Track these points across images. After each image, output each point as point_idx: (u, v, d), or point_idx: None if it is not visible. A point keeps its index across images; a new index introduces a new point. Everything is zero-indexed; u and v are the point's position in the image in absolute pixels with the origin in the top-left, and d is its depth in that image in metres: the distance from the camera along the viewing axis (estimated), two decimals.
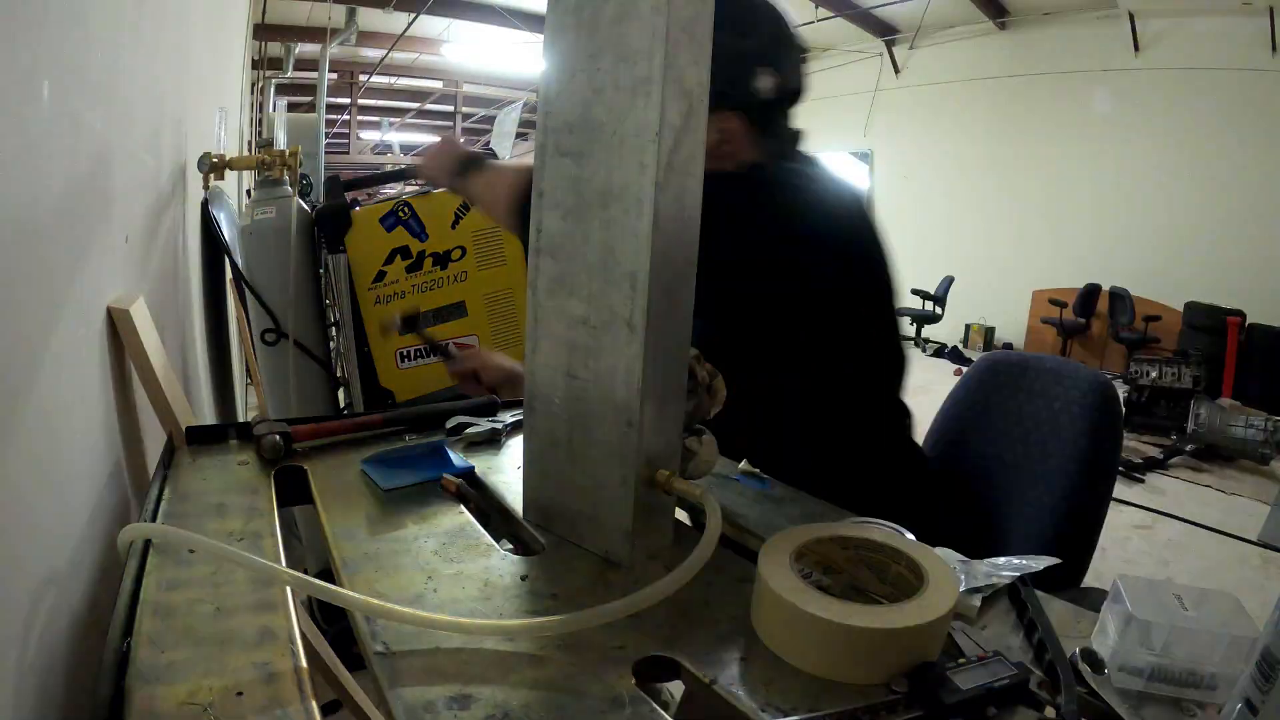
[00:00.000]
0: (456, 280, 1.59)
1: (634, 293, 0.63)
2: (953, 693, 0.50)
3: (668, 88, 0.60)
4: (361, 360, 1.55)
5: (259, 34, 6.88)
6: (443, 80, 10.38)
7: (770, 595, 0.57)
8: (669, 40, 0.59)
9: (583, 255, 0.67)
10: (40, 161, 0.66)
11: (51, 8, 0.69)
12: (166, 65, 1.46)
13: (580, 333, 0.68)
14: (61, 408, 0.70)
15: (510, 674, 0.52)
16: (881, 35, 7.69)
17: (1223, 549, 2.98)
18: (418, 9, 6.83)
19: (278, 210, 1.52)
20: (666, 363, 0.67)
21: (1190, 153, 5.85)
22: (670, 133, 0.61)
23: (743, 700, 0.51)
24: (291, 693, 0.48)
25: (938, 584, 0.58)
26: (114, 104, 0.97)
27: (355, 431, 0.97)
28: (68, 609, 0.65)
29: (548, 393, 0.72)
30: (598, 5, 0.63)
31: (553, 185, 0.69)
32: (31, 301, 0.63)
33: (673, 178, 0.62)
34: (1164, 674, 0.52)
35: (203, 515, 0.73)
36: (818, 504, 0.86)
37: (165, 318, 1.27)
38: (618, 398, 0.66)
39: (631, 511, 0.67)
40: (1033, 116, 6.86)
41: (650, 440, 0.66)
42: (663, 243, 0.63)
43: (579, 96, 0.65)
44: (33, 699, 0.55)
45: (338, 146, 11.53)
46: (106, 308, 0.88)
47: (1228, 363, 4.95)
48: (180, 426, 0.91)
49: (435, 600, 0.62)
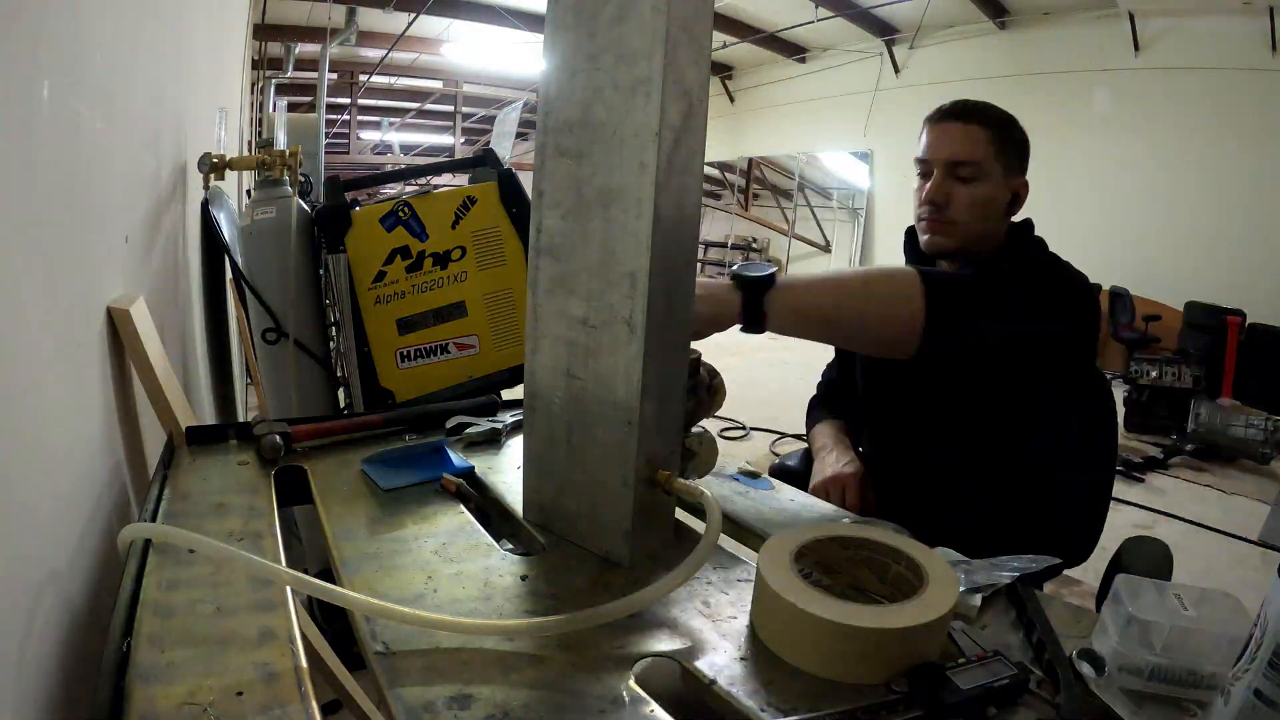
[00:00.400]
0: (456, 280, 1.59)
1: (634, 292, 0.63)
2: (953, 693, 0.50)
3: (668, 88, 0.60)
4: (361, 360, 1.55)
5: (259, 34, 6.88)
6: (443, 80, 10.38)
7: (770, 595, 0.57)
8: (669, 40, 0.59)
9: (583, 255, 0.67)
10: (40, 161, 0.66)
11: (51, 8, 0.69)
12: (166, 65, 1.46)
13: (580, 333, 0.68)
14: (61, 408, 0.70)
15: (510, 674, 0.52)
16: (881, 35, 7.69)
17: (1223, 549, 2.97)
18: (418, 9, 6.83)
19: (278, 210, 1.52)
20: (666, 363, 0.67)
21: (1190, 152, 5.84)
22: (670, 133, 0.61)
23: (742, 700, 0.51)
24: (291, 693, 0.48)
25: (938, 584, 0.58)
26: (114, 104, 0.97)
27: (355, 431, 0.97)
28: (68, 609, 0.65)
29: (548, 393, 0.72)
30: (597, 5, 0.63)
31: (553, 185, 0.69)
32: (31, 301, 0.63)
33: (673, 178, 0.62)
34: (1164, 674, 0.52)
35: (203, 515, 0.73)
36: (818, 504, 0.86)
37: (165, 318, 1.27)
38: (618, 397, 0.66)
39: (631, 511, 0.67)
40: (1033, 116, 6.75)
41: (650, 440, 0.66)
42: (662, 242, 0.63)
43: (579, 96, 0.65)
44: (33, 699, 0.55)
45: (338, 146, 11.54)
46: (106, 308, 0.88)
47: (1228, 363, 4.95)
48: (180, 426, 0.91)
49: (435, 600, 0.62)
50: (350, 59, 9.01)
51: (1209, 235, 5.76)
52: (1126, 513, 3.27)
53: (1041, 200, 5.16)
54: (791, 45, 8.57)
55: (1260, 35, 5.36)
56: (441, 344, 1.60)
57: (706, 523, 0.63)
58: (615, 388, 0.66)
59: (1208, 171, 5.75)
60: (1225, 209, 5.68)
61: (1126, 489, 3.53)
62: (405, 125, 12.64)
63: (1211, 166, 5.73)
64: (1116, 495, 3.39)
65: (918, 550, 0.63)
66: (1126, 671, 0.53)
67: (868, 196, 8.32)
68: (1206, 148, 5.74)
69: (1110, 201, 6.37)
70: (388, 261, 1.54)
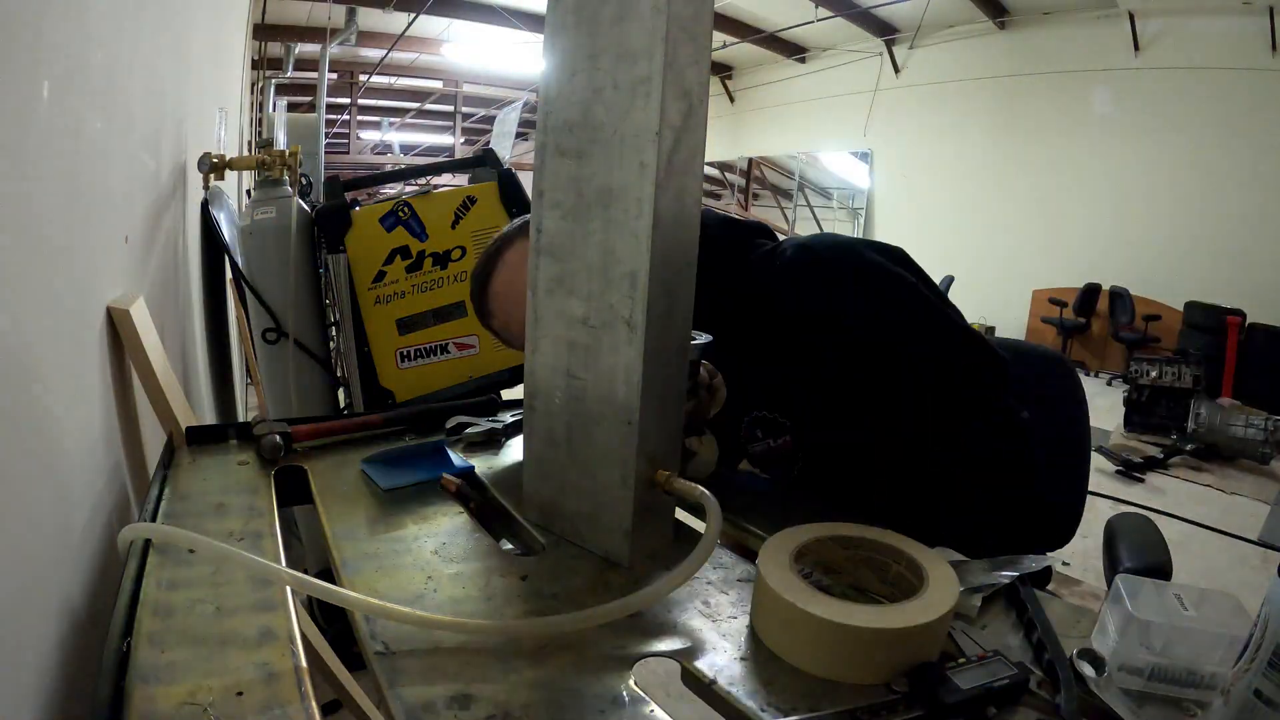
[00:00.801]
0: (456, 280, 1.59)
1: (634, 292, 0.63)
2: (953, 693, 0.50)
3: (668, 88, 0.60)
4: (361, 360, 1.55)
5: (259, 34, 6.88)
6: (443, 80, 10.38)
7: (770, 595, 0.57)
8: (669, 40, 0.59)
9: (583, 255, 0.67)
10: (40, 161, 0.66)
11: (51, 8, 0.69)
12: (166, 65, 1.46)
13: (580, 332, 0.68)
14: (61, 408, 0.70)
15: (510, 674, 0.52)
16: (881, 35, 7.69)
17: (1223, 549, 2.97)
18: (418, 9, 6.83)
19: (278, 210, 1.52)
20: (666, 363, 0.67)
21: (1190, 153, 5.84)
22: (670, 133, 0.61)
23: (742, 700, 0.51)
24: (291, 693, 0.48)
25: (938, 584, 0.58)
26: (114, 104, 0.97)
27: (355, 431, 0.97)
28: (68, 609, 0.65)
29: (548, 392, 0.72)
30: (597, 5, 0.63)
31: (552, 185, 0.69)
32: (31, 301, 0.63)
33: (672, 178, 0.62)
34: (1164, 674, 0.52)
35: (203, 515, 0.73)
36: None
37: (165, 318, 1.27)
38: (618, 397, 0.66)
39: (631, 511, 0.67)
40: (1033, 116, 6.86)
41: (650, 440, 0.66)
42: (662, 242, 0.63)
43: (579, 96, 0.65)
44: (33, 699, 0.55)
45: (338, 146, 11.54)
46: (106, 308, 0.88)
47: (1228, 363, 4.95)
48: (180, 426, 0.91)
49: (435, 600, 0.62)
50: (350, 59, 9.01)
51: (1209, 235, 5.76)
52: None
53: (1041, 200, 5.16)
54: (791, 45, 8.57)
55: (1260, 35, 5.36)
56: (441, 344, 1.60)
57: (707, 522, 0.63)
58: (615, 387, 0.66)
59: (1208, 171, 5.75)
60: (1225, 209, 5.68)
61: (1127, 489, 3.53)
62: (405, 125, 12.64)
63: (1211, 166, 5.73)
64: (1117, 495, 3.39)
65: (918, 550, 0.63)
66: (1126, 671, 0.53)
67: (868, 196, 8.32)
68: (1206, 148, 5.74)
69: (1110, 201, 6.37)
70: (388, 261, 1.54)
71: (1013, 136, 7.04)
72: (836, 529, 0.67)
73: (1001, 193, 7.14)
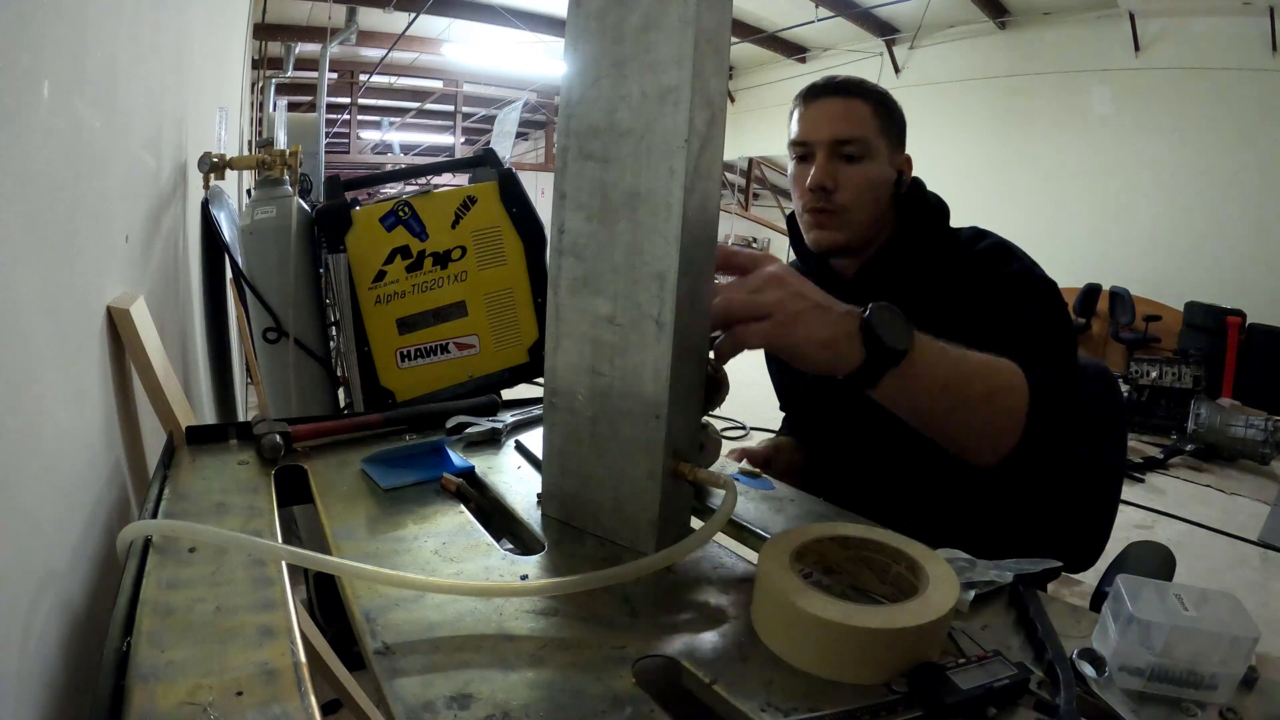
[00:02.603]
0: (456, 280, 1.59)
1: (662, 292, 0.65)
2: (953, 693, 0.50)
3: (695, 96, 0.62)
4: (361, 360, 1.55)
5: (259, 34, 6.88)
6: (443, 80, 10.39)
7: (770, 595, 0.57)
8: (697, 50, 0.61)
9: (609, 255, 0.68)
10: (40, 161, 0.66)
11: (51, 8, 0.69)
12: (166, 65, 1.46)
13: (606, 330, 0.69)
14: (61, 407, 0.70)
15: (510, 674, 0.52)
16: (881, 35, 7.70)
17: (1223, 549, 2.98)
18: (418, 9, 6.83)
19: (278, 210, 1.52)
20: (689, 358, 0.68)
21: (1190, 153, 5.84)
22: (697, 140, 0.63)
23: (742, 700, 0.51)
24: (291, 691, 0.48)
25: (938, 584, 0.58)
26: (114, 104, 0.97)
27: (355, 431, 0.97)
28: (68, 608, 0.65)
29: (570, 389, 0.73)
30: (622, 14, 0.64)
31: (575, 188, 0.70)
32: (31, 301, 0.63)
33: (698, 182, 0.64)
34: (1164, 674, 0.52)
35: (203, 514, 0.73)
36: (818, 504, 0.86)
37: (165, 318, 1.27)
38: (645, 393, 0.67)
39: (659, 503, 0.69)
40: (1033, 116, 6.86)
41: (676, 434, 0.68)
42: (689, 243, 0.65)
43: (604, 102, 0.67)
44: (32, 699, 0.55)
45: (338, 146, 11.55)
46: (106, 308, 0.88)
47: (1228, 363, 4.95)
48: (180, 426, 0.91)
49: (435, 599, 0.62)
50: (350, 59, 9.02)
51: (1209, 235, 5.76)
52: (1127, 513, 3.27)
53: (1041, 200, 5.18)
54: (792, 45, 8.58)
55: (1260, 35, 5.36)
56: (441, 343, 1.60)
57: (724, 498, 0.66)
58: (643, 384, 0.67)
59: (1208, 172, 5.75)
60: (1225, 209, 5.68)
61: (1127, 489, 3.53)
62: (405, 125, 12.65)
63: (1212, 167, 5.73)
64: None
65: (918, 550, 0.63)
66: (1127, 672, 0.53)
67: None
68: (1206, 148, 5.74)
69: (1110, 201, 6.37)
70: (388, 261, 1.54)
71: (1013, 136, 7.04)
72: (836, 529, 0.67)
73: (1001, 192, 7.14)
